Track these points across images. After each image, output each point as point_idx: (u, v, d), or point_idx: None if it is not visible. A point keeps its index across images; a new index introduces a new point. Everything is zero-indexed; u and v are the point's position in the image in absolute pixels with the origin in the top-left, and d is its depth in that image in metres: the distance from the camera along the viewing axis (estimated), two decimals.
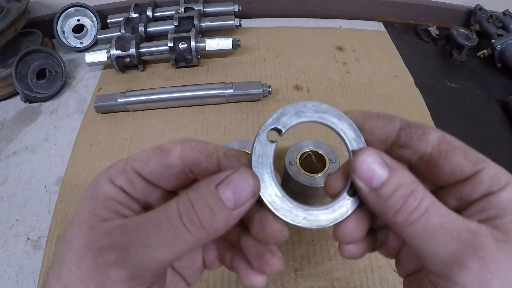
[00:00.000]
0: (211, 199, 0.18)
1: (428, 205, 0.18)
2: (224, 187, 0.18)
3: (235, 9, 0.76)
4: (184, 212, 0.17)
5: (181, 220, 0.17)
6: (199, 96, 0.61)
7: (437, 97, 0.66)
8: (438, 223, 0.17)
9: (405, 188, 0.18)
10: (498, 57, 0.73)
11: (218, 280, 0.43)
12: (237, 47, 0.69)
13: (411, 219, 0.18)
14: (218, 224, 0.18)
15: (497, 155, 0.58)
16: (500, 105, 0.67)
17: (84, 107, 0.64)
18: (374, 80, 0.68)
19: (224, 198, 0.18)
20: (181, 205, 0.18)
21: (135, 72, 0.70)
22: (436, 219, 0.17)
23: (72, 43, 0.75)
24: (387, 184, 0.18)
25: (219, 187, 0.18)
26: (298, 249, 0.45)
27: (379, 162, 0.19)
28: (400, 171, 0.19)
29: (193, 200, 0.18)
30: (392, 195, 0.18)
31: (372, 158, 0.19)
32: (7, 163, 0.57)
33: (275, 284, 0.43)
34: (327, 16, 0.83)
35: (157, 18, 0.77)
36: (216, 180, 0.18)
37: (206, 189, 0.18)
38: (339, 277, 0.43)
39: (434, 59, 0.76)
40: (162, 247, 0.17)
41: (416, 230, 0.18)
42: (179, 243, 0.17)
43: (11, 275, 0.45)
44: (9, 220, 0.50)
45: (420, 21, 0.85)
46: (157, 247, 0.17)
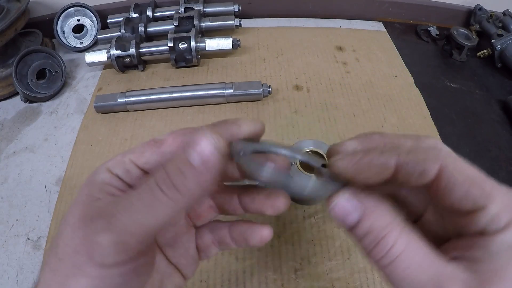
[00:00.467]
0: (180, 163, 0.19)
1: (398, 254, 0.18)
2: (191, 149, 0.19)
3: (235, 9, 0.76)
4: (160, 178, 0.19)
5: (157, 185, 0.19)
6: (199, 96, 0.61)
7: (437, 97, 0.66)
8: (405, 274, 0.17)
9: (376, 233, 0.18)
10: (498, 57, 0.73)
11: (218, 280, 0.43)
12: (237, 47, 0.69)
13: (380, 264, 0.18)
14: (190, 184, 0.19)
15: (497, 155, 0.58)
16: (500, 105, 0.67)
17: (84, 107, 0.64)
18: (374, 80, 0.68)
19: (191, 159, 0.19)
20: (158, 174, 0.19)
21: (135, 72, 0.70)
22: (402, 269, 0.18)
23: (72, 43, 0.75)
24: (359, 226, 0.19)
25: (187, 151, 0.19)
26: (298, 249, 0.45)
27: (352, 205, 0.19)
28: (375, 213, 0.19)
29: (166, 168, 0.19)
30: (364, 237, 0.19)
31: (346, 201, 0.19)
32: (7, 163, 0.57)
33: (275, 284, 0.43)
34: (327, 16, 0.83)
35: (157, 18, 0.77)
36: (187, 147, 0.19)
37: (177, 156, 0.19)
38: (339, 277, 0.43)
39: (434, 59, 0.76)
40: (143, 210, 0.18)
41: (386, 273, 0.18)
42: (159, 206, 0.18)
43: (11, 275, 0.45)
44: (9, 220, 0.50)
45: (420, 21, 0.85)
46: (138, 210, 0.18)
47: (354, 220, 0.19)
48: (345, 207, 0.19)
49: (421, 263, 0.18)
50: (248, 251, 0.45)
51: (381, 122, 0.60)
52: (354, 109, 0.62)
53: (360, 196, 0.20)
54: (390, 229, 0.18)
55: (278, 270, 0.44)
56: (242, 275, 0.43)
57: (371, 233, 0.18)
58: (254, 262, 0.44)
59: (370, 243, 0.18)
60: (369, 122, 0.60)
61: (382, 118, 0.61)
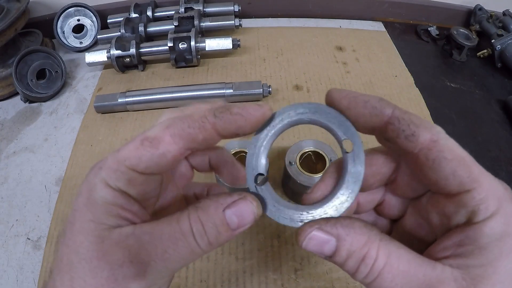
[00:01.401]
0: (218, 222, 0.20)
1: (382, 267, 0.18)
2: (231, 211, 0.20)
3: (235, 9, 0.76)
4: (196, 231, 0.19)
5: (194, 238, 0.19)
6: (199, 96, 0.61)
7: (437, 97, 0.66)
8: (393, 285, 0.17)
9: (356, 255, 0.18)
10: (498, 57, 0.73)
11: (218, 280, 0.43)
12: (237, 47, 0.69)
13: (366, 282, 0.18)
14: (222, 241, 0.20)
15: (497, 155, 0.58)
16: (500, 105, 0.67)
17: (84, 107, 0.64)
18: (374, 80, 0.68)
19: (229, 221, 0.20)
20: (193, 224, 0.19)
21: (135, 72, 0.70)
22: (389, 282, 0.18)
23: (72, 43, 0.75)
24: (338, 254, 0.19)
25: (226, 211, 0.20)
26: (298, 249, 0.45)
27: (324, 236, 0.19)
28: (350, 236, 0.18)
29: (203, 221, 0.20)
30: (345, 262, 0.19)
31: (316, 233, 0.19)
32: (7, 163, 0.57)
33: (275, 284, 0.43)
34: (327, 16, 0.83)
35: (157, 18, 0.77)
36: (224, 203, 0.20)
37: (214, 211, 0.20)
38: (339, 277, 0.43)
39: (434, 59, 0.76)
40: (179, 260, 0.19)
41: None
42: (192, 257, 0.20)
43: (11, 275, 0.45)
44: (9, 220, 0.50)
45: (420, 21, 0.85)
46: (174, 261, 0.19)
47: (331, 249, 0.19)
48: (319, 239, 0.19)
49: (407, 271, 0.17)
50: (248, 251, 0.45)
51: None
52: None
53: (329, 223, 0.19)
54: (369, 246, 0.18)
55: (278, 270, 0.44)
56: (242, 275, 0.43)
57: (352, 256, 0.18)
58: (254, 262, 0.44)
59: (353, 266, 0.18)
60: None
61: None
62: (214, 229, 0.20)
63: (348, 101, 0.20)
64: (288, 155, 0.46)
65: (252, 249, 0.45)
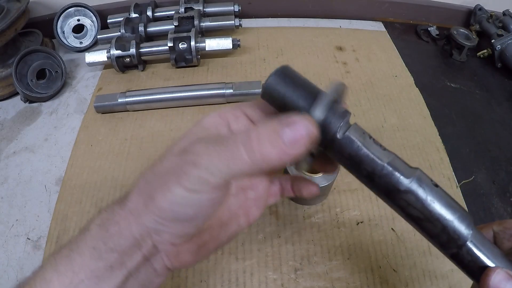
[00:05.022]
0: (271, 132, 0.21)
1: None
2: (286, 125, 0.21)
3: (235, 9, 0.76)
4: (246, 137, 0.21)
5: (241, 143, 0.20)
6: (199, 96, 0.61)
7: (437, 97, 0.66)
8: None
9: None
10: (498, 57, 0.73)
11: (218, 280, 0.43)
12: (237, 47, 0.69)
13: None
14: (272, 155, 0.20)
15: (497, 155, 0.58)
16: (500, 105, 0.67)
17: (84, 107, 0.64)
18: (374, 80, 0.68)
19: (282, 134, 0.20)
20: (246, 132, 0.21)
21: (135, 72, 0.70)
22: None
23: (72, 43, 0.75)
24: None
25: (282, 125, 0.21)
26: (298, 249, 0.45)
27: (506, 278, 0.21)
28: None
29: (257, 130, 0.21)
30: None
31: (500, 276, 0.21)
32: (7, 163, 0.57)
33: (275, 284, 0.43)
34: (327, 16, 0.83)
35: (157, 18, 0.77)
36: (283, 120, 0.21)
37: (271, 124, 0.21)
38: (339, 277, 0.43)
39: (434, 59, 0.76)
40: (222, 159, 0.20)
41: None
42: (235, 161, 0.20)
43: (11, 275, 0.45)
44: (9, 220, 0.50)
45: (420, 21, 0.85)
46: (217, 158, 0.20)
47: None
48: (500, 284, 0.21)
49: None
50: (248, 251, 0.45)
51: (381, 122, 0.60)
52: (354, 109, 0.62)
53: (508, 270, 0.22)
54: None
55: (278, 270, 0.44)
56: (242, 275, 0.43)
57: None
58: (254, 262, 0.44)
59: None
60: (369, 122, 0.60)
61: (382, 118, 0.61)
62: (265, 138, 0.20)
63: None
64: None
65: (252, 249, 0.45)
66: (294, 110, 0.23)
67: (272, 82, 0.24)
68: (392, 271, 0.44)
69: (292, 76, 0.24)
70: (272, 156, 0.20)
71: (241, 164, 0.20)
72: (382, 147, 0.23)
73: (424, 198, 0.22)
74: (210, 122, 0.25)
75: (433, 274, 0.44)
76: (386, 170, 0.22)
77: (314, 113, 0.22)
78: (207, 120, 0.25)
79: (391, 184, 0.22)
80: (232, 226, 0.27)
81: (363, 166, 0.23)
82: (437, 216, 0.21)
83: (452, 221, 0.21)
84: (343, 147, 0.23)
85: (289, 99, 0.23)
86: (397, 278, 0.43)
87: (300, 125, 0.21)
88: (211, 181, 0.20)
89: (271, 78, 0.24)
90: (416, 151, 0.56)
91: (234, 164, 0.20)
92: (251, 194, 0.28)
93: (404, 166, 0.23)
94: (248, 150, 0.20)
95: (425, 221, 0.22)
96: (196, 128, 0.25)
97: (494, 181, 0.54)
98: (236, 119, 0.26)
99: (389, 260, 0.44)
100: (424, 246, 0.46)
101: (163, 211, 0.21)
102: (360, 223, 0.48)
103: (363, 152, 0.23)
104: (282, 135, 0.20)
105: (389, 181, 0.22)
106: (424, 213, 0.22)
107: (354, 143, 0.23)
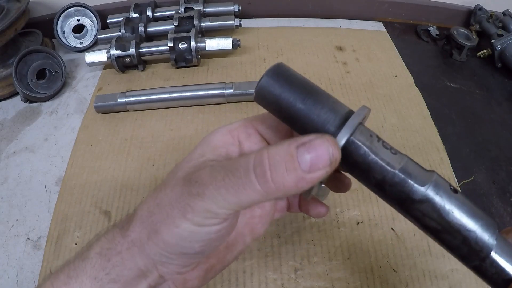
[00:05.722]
0: (288, 157, 0.18)
1: None
2: (304, 149, 0.18)
3: (235, 9, 0.76)
4: (258, 164, 0.18)
5: (253, 171, 0.18)
6: (199, 96, 0.61)
7: (437, 97, 0.66)
8: None
9: None
10: (498, 57, 0.73)
11: (218, 280, 0.43)
12: (237, 47, 0.69)
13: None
14: (288, 183, 0.18)
15: (497, 155, 0.58)
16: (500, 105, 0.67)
17: (84, 107, 0.64)
18: (374, 80, 0.68)
19: (300, 159, 0.18)
20: (258, 157, 0.18)
21: (135, 72, 0.70)
22: None
23: (72, 43, 0.75)
24: None
25: (299, 148, 0.18)
26: (298, 249, 0.45)
27: None
28: None
29: (270, 154, 0.18)
30: None
31: None
32: (7, 163, 0.56)
33: (275, 284, 0.43)
34: (327, 16, 0.83)
35: (157, 18, 0.77)
36: (299, 141, 0.18)
37: (286, 147, 0.18)
38: (339, 277, 0.43)
39: (434, 59, 0.76)
40: (230, 190, 0.18)
41: None
42: (246, 191, 0.18)
43: (11, 275, 0.45)
44: (9, 220, 0.50)
45: (420, 21, 0.85)
46: (227, 190, 0.18)
47: None
48: None
49: None
50: (248, 251, 0.45)
51: (381, 122, 0.60)
52: (354, 109, 0.61)
53: None
54: None
55: (278, 270, 0.44)
56: (242, 275, 0.43)
57: None
58: (254, 262, 0.44)
59: None
60: (369, 122, 0.59)
61: (382, 118, 0.61)
62: (281, 165, 0.18)
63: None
64: None
65: (252, 249, 0.45)
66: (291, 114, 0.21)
67: (264, 84, 0.22)
68: (392, 271, 0.44)
69: (287, 75, 0.22)
70: (288, 184, 0.18)
71: (252, 195, 0.18)
72: (393, 150, 0.21)
73: (441, 208, 0.19)
74: (219, 141, 0.23)
75: (433, 274, 0.44)
76: (398, 178, 0.20)
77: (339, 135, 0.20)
78: (216, 138, 0.23)
79: (404, 193, 0.20)
80: (239, 246, 0.26)
81: (372, 174, 0.20)
82: (457, 226, 0.19)
83: (474, 231, 0.19)
84: (348, 154, 0.20)
85: (285, 101, 0.21)
86: (397, 278, 0.43)
87: (321, 148, 0.18)
88: (219, 213, 0.19)
89: (263, 80, 0.22)
90: (416, 151, 0.56)
91: (245, 194, 0.18)
92: (257, 212, 0.26)
93: (419, 171, 0.20)
94: (260, 179, 0.18)
95: (443, 233, 0.20)
96: (203, 148, 0.23)
97: (494, 181, 0.54)
98: (248, 137, 0.24)
99: (389, 260, 0.44)
100: (424, 246, 0.46)
101: (169, 245, 0.20)
102: (360, 223, 0.48)
103: (371, 159, 0.20)
104: (300, 160, 0.18)
105: (401, 189, 0.20)
106: (442, 224, 0.20)
107: (361, 148, 0.20)
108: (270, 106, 0.22)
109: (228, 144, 0.23)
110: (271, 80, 0.22)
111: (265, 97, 0.22)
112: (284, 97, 0.21)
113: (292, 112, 0.21)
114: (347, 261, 0.44)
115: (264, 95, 0.22)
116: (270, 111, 0.23)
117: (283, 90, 0.21)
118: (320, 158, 0.18)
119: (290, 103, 0.21)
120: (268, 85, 0.21)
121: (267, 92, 0.22)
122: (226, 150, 0.23)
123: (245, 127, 0.24)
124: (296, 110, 0.21)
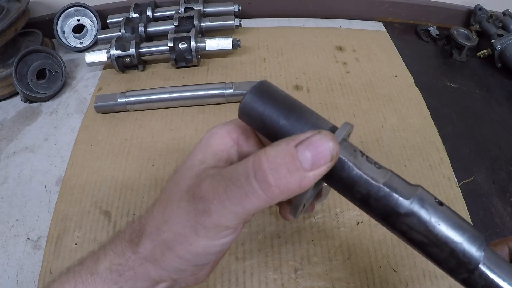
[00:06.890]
0: (288, 158, 0.17)
1: None
2: (304, 147, 0.18)
3: (235, 9, 0.76)
4: (258, 168, 0.18)
5: (254, 177, 0.18)
6: (199, 96, 0.61)
7: (437, 97, 0.66)
8: None
9: None
10: (498, 57, 0.73)
11: (218, 280, 0.43)
12: (237, 47, 0.69)
13: None
14: (291, 184, 0.17)
15: (497, 155, 0.58)
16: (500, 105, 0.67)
17: (84, 107, 0.64)
18: (374, 80, 0.68)
19: (302, 158, 0.17)
20: (256, 162, 0.18)
21: (135, 72, 0.70)
22: None
23: (72, 43, 0.75)
24: None
25: (298, 147, 0.18)
26: (298, 249, 0.45)
27: None
28: None
29: (269, 157, 0.18)
30: None
31: None
32: (7, 163, 0.56)
33: (275, 284, 0.43)
34: (327, 16, 0.83)
35: (157, 18, 0.77)
36: (297, 139, 0.18)
37: (285, 147, 0.18)
38: (339, 277, 0.43)
39: (434, 59, 0.76)
40: (234, 201, 0.18)
41: None
42: (250, 200, 0.18)
43: (11, 275, 0.45)
44: (9, 220, 0.50)
45: (420, 21, 0.85)
46: (231, 202, 0.18)
47: None
48: None
49: None
50: (248, 251, 0.45)
51: (381, 122, 0.60)
52: (354, 109, 0.62)
53: None
54: None
55: (278, 270, 0.44)
56: (242, 275, 0.43)
57: None
58: (254, 262, 0.44)
59: None
60: (369, 122, 0.60)
61: (382, 118, 0.61)
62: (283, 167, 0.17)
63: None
64: None
65: (252, 249, 0.45)
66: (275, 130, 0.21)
67: (248, 101, 0.22)
68: (392, 271, 0.44)
69: (270, 92, 0.22)
70: (291, 185, 0.17)
71: (257, 202, 0.18)
72: (377, 165, 0.21)
73: (427, 220, 0.19)
74: (219, 144, 0.23)
75: (433, 274, 0.44)
76: (383, 192, 0.20)
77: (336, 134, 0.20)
78: (216, 142, 0.23)
79: (390, 207, 0.20)
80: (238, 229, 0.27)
81: (357, 188, 0.20)
82: (444, 239, 0.19)
83: (461, 243, 0.19)
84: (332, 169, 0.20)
85: (268, 118, 0.21)
86: (397, 278, 0.43)
87: (321, 144, 0.18)
88: (229, 225, 0.19)
89: (247, 97, 0.22)
90: (416, 151, 0.56)
91: (250, 203, 0.18)
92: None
93: (403, 185, 0.20)
94: (263, 185, 0.17)
95: (431, 246, 0.20)
96: (203, 153, 0.22)
97: (494, 181, 0.54)
98: (247, 140, 0.23)
99: (389, 260, 0.44)
100: None
101: (185, 260, 0.20)
102: (360, 223, 0.48)
103: (355, 173, 0.20)
104: (301, 159, 0.17)
105: (386, 204, 0.20)
106: (429, 236, 0.20)
107: (345, 163, 0.20)
108: (254, 123, 0.22)
109: (228, 147, 0.23)
110: (255, 97, 0.22)
111: (248, 113, 0.22)
112: (268, 113, 0.21)
113: (276, 128, 0.21)
114: (347, 261, 0.44)
115: (248, 111, 0.22)
116: (254, 128, 0.23)
117: (266, 106, 0.21)
118: (321, 154, 0.18)
119: (274, 119, 0.21)
120: (251, 101, 0.22)
121: (251, 109, 0.22)
122: (227, 154, 0.23)
123: (242, 130, 0.23)
124: (279, 126, 0.21)
